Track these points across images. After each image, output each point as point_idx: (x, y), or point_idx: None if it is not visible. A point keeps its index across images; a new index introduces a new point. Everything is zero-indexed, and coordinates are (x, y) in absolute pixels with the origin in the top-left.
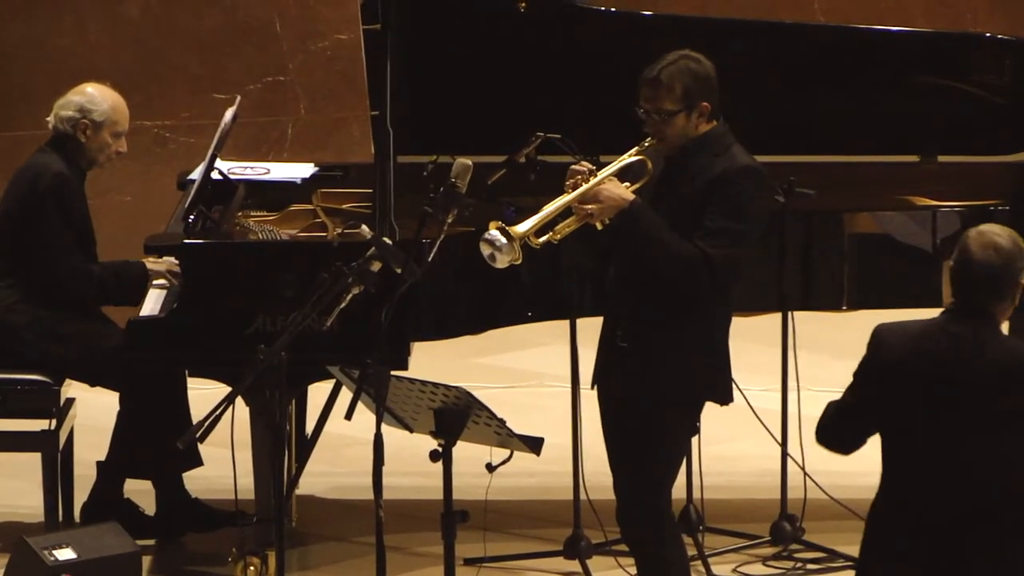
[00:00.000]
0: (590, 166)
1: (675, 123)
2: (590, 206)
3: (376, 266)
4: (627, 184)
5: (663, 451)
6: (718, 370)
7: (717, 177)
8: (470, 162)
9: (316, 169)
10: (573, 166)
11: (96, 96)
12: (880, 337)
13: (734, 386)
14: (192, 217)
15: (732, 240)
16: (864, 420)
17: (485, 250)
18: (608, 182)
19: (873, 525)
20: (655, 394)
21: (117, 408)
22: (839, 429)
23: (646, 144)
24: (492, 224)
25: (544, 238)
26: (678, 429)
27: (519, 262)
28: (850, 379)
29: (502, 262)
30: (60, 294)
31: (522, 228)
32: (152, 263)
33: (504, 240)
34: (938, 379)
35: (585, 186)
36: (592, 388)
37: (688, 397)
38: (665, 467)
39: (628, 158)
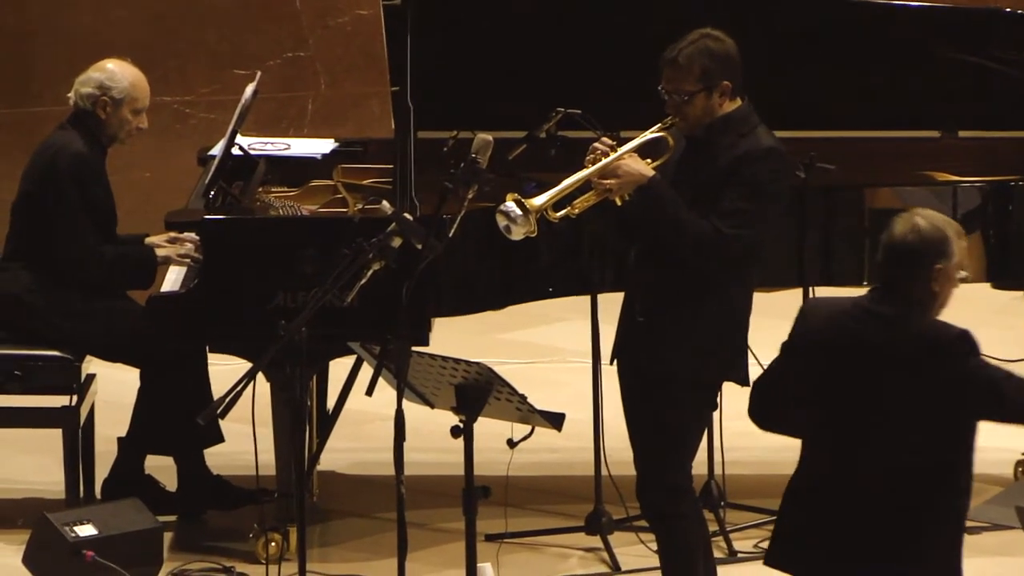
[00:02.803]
0: (611, 142)
1: (695, 103)
2: (609, 181)
3: (397, 242)
4: (648, 160)
5: (682, 427)
6: (736, 350)
7: (739, 157)
8: (491, 137)
9: (336, 145)
10: (594, 142)
11: (116, 73)
12: (806, 310)
13: (756, 362)
14: (212, 193)
15: (748, 220)
16: (784, 393)
17: (501, 221)
18: (628, 157)
19: (785, 505)
20: (671, 370)
21: (138, 384)
22: (763, 403)
23: (668, 122)
24: (509, 196)
25: (562, 212)
26: (696, 406)
27: (535, 234)
28: None
29: (517, 234)
30: (71, 275)
31: (538, 201)
32: (160, 248)
33: (519, 212)
34: (852, 356)
35: (604, 160)
36: (611, 363)
37: (704, 375)
38: (684, 443)
39: (649, 134)
